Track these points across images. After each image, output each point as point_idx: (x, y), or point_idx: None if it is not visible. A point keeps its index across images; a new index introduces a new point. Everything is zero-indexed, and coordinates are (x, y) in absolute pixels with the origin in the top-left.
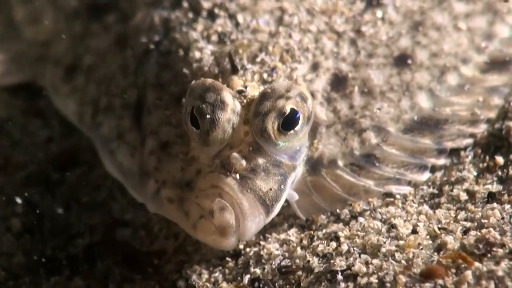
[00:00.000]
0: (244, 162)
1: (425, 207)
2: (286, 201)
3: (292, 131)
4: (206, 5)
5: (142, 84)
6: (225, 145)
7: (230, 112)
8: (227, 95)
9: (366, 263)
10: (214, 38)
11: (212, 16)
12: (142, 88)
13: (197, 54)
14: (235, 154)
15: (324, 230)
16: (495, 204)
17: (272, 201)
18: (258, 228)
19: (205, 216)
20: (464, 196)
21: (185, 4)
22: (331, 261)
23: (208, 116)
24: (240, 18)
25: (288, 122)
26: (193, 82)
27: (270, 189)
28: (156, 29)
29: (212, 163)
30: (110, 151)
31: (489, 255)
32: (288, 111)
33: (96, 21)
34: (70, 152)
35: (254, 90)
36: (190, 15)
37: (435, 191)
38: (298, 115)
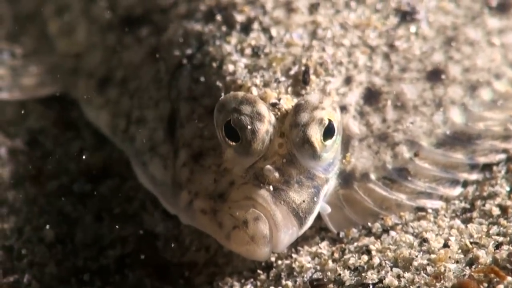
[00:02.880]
0: (277, 174)
1: (457, 222)
2: (318, 214)
3: (330, 141)
4: (239, 18)
5: (175, 97)
6: (260, 157)
7: (267, 123)
8: (262, 107)
9: (398, 277)
10: (248, 51)
11: (245, 29)
12: (175, 101)
13: (230, 67)
14: (268, 166)
15: (355, 244)
16: None
17: (305, 213)
18: (291, 239)
19: (239, 226)
20: (496, 211)
21: (219, 18)
22: (363, 274)
23: (249, 127)
24: (273, 31)
25: (328, 132)
26: (222, 96)
27: (303, 201)
28: (189, 42)
29: (246, 174)
30: (143, 163)
31: None
32: (327, 121)
33: (129, 34)
34: (102, 164)
35: (288, 103)
36: (224, 28)
37: (467, 206)
38: (334, 126)
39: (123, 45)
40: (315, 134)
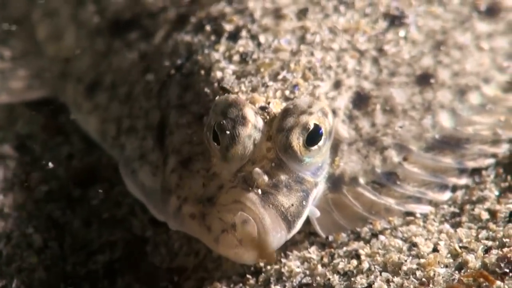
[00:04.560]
0: (266, 178)
1: (446, 226)
2: (307, 218)
3: (316, 147)
4: (228, 28)
5: (165, 106)
6: (246, 161)
7: (251, 127)
8: (249, 111)
9: (387, 281)
10: (236, 58)
11: (234, 37)
12: (165, 109)
13: (218, 74)
14: (257, 170)
15: (344, 248)
16: None
17: (294, 217)
18: (279, 243)
19: (228, 229)
20: (485, 215)
21: (208, 28)
22: (352, 279)
23: (227, 132)
24: (262, 38)
25: (312, 137)
26: (217, 98)
27: (292, 205)
28: (179, 53)
29: (234, 178)
30: (132, 170)
31: (511, 274)
32: (312, 126)
33: (118, 38)
34: (91, 169)
35: (277, 107)
36: (213, 37)
37: (456, 210)
38: (321, 131)
39: (112, 50)
40: (296, 139)
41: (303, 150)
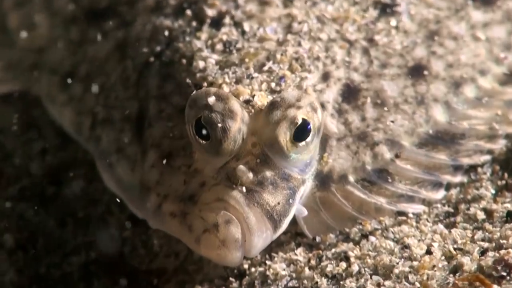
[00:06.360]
0: (251, 175)
1: (440, 227)
2: (293, 218)
3: (303, 143)
4: (210, 13)
5: (144, 96)
6: (232, 156)
7: (240, 121)
8: (235, 104)
9: (378, 285)
10: (219, 47)
11: (216, 24)
12: (144, 100)
13: (201, 64)
14: (241, 167)
15: (333, 250)
16: None
17: (280, 216)
18: (265, 244)
19: (209, 229)
20: (481, 215)
21: (189, 12)
22: (341, 282)
23: (219, 124)
24: (246, 26)
25: (300, 133)
26: (194, 92)
27: (278, 203)
28: (158, 38)
29: (217, 175)
30: (109, 164)
31: (508, 277)
32: (300, 121)
33: (94, 27)
34: (65, 165)
35: (262, 99)
36: (194, 23)
37: (451, 210)
38: (309, 126)
39: (88, 39)
40: (283, 133)
41: (290, 145)
